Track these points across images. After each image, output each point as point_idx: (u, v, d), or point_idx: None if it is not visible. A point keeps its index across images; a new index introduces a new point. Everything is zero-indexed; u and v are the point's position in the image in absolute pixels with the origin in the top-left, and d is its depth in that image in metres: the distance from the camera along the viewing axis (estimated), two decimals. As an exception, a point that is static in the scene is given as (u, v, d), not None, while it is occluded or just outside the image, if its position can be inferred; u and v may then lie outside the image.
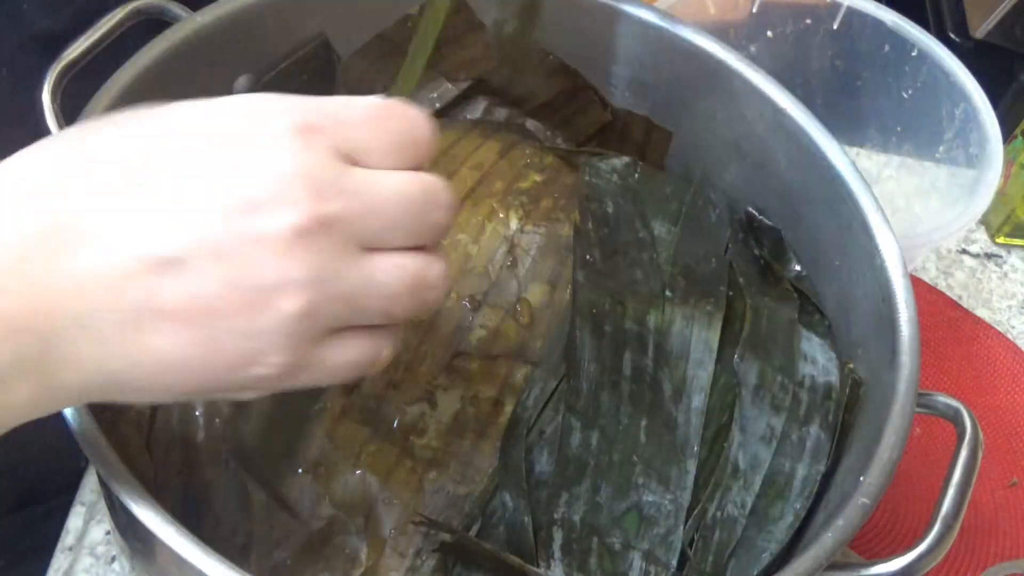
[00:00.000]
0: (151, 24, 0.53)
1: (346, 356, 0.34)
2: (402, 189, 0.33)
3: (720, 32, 0.80)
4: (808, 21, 0.82)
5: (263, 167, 0.31)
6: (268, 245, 0.31)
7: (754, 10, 0.82)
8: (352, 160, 0.33)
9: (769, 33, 0.83)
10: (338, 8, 0.59)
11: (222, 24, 0.54)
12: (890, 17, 0.79)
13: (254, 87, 0.57)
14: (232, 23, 0.55)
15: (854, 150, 0.86)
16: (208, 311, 0.31)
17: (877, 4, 0.79)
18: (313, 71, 0.59)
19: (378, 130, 0.33)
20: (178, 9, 0.54)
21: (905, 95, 0.80)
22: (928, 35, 0.77)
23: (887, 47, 0.79)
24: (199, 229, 0.31)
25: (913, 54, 0.78)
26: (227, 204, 0.31)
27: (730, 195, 0.62)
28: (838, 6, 0.80)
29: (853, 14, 0.80)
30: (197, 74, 0.54)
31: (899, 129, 0.83)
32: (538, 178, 0.58)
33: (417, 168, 0.34)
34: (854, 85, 0.83)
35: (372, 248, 0.33)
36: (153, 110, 0.33)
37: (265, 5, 0.56)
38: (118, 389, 0.32)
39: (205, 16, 0.53)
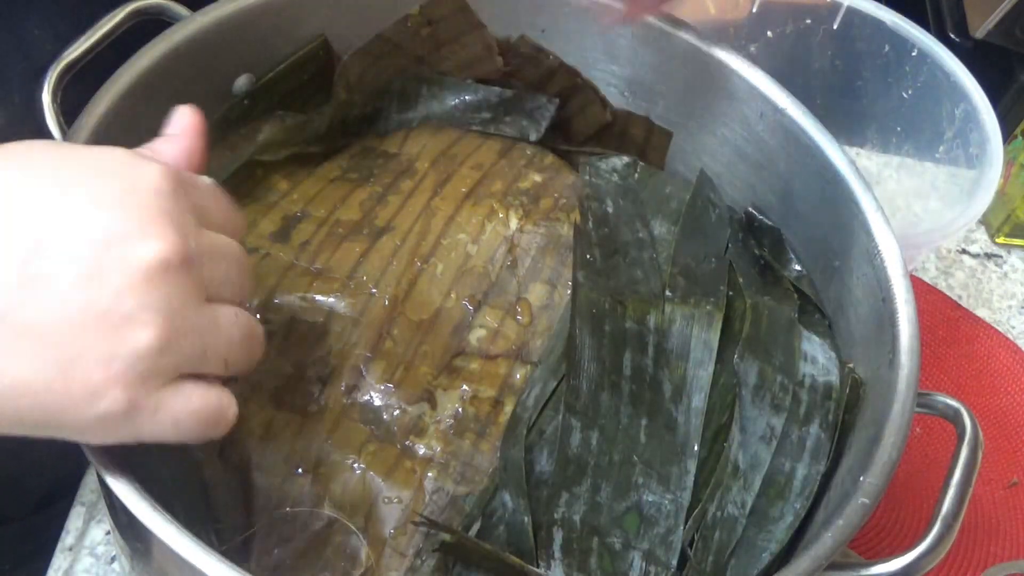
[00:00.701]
0: (151, 24, 0.53)
1: (191, 404, 0.35)
2: (235, 249, 0.37)
3: (720, 32, 0.80)
4: (808, 21, 0.82)
5: (135, 202, 0.33)
6: (132, 274, 0.32)
7: (754, 10, 0.82)
8: (201, 217, 0.36)
9: (769, 33, 0.83)
10: (338, 8, 0.59)
11: (222, 24, 0.54)
12: (890, 17, 0.79)
13: (254, 87, 0.57)
14: (232, 23, 0.55)
15: (854, 150, 0.86)
16: (66, 332, 0.32)
17: (877, 4, 0.79)
18: (313, 71, 0.59)
19: (218, 201, 0.38)
20: (178, 9, 0.54)
21: (905, 95, 0.80)
22: (928, 35, 0.77)
23: (887, 47, 0.79)
24: (67, 250, 0.32)
25: (913, 54, 0.78)
26: (97, 230, 0.32)
27: (730, 195, 0.62)
28: (838, 6, 0.80)
29: (853, 14, 0.80)
30: (197, 74, 0.54)
31: (899, 129, 0.83)
32: (538, 178, 0.58)
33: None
34: (854, 85, 0.83)
35: (215, 296, 0.36)
36: (35, 145, 0.35)
37: (265, 5, 0.56)
38: None
39: (205, 16, 0.53)
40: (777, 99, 0.57)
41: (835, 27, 0.81)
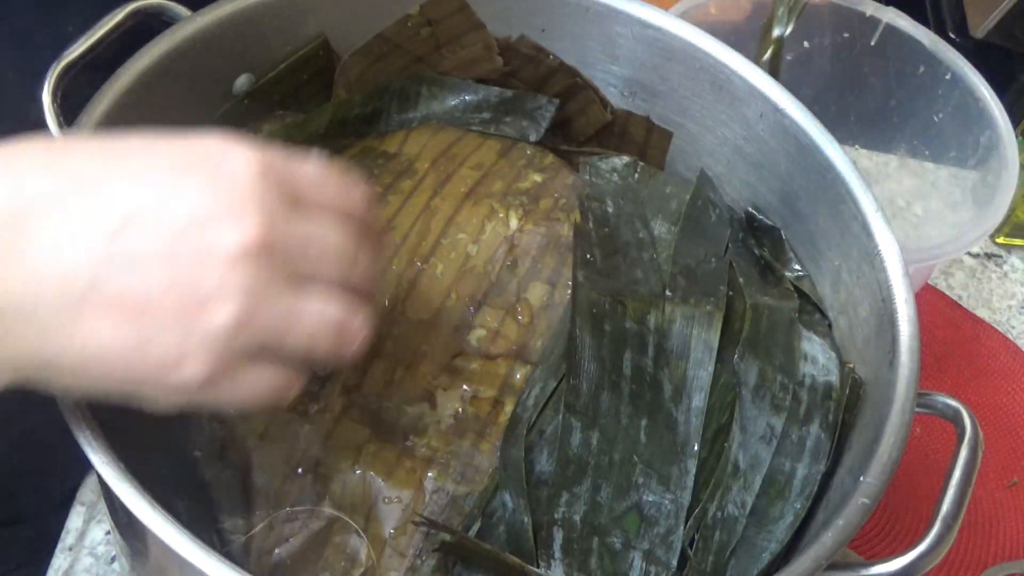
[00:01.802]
0: (151, 24, 0.53)
1: (260, 382, 0.36)
2: (334, 233, 0.37)
3: (733, 35, 0.80)
4: (846, 35, 0.81)
5: (222, 185, 0.34)
6: (216, 255, 0.33)
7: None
8: (296, 202, 0.36)
9: (806, 43, 0.83)
10: (338, 8, 0.59)
11: (222, 24, 0.54)
12: (928, 38, 0.78)
13: (254, 87, 0.57)
14: (232, 23, 0.55)
15: (854, 150, 0.86)
16: (148, 308, 0.33)
17: (915, 24, 0.78)
18: (313, 71, 0.59)
19: (324, 181, 0.37)
20: (178, 9, 0.54)
21: (936, 118, 0.80)
22: (963, 59, 0.76)
23: (922, 68, 0.79)
24: (154, 230, 0.33)
25: (947, 77, 0.77)
26: (182, 211, 0.33)
27: (730, 195, 0.62)
28: (877, 21, 0.79)
29: (891, 32, 0.79)
30: (197, 74, 0.54)
31: (927, 152, 0.82)
32: (538, 178, 0.58)
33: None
34: (887, 104, 0.83)
35: (305, 284, 0.36)
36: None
37: (265, 5, 0.56)
38: (50, 376, 0.34)
39: (205, 16, 0.53)
40: (777, 99, 0.57)
41: (872, 43, 0.80)
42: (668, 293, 0.54)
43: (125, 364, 0.34)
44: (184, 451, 0.47)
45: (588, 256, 0.54)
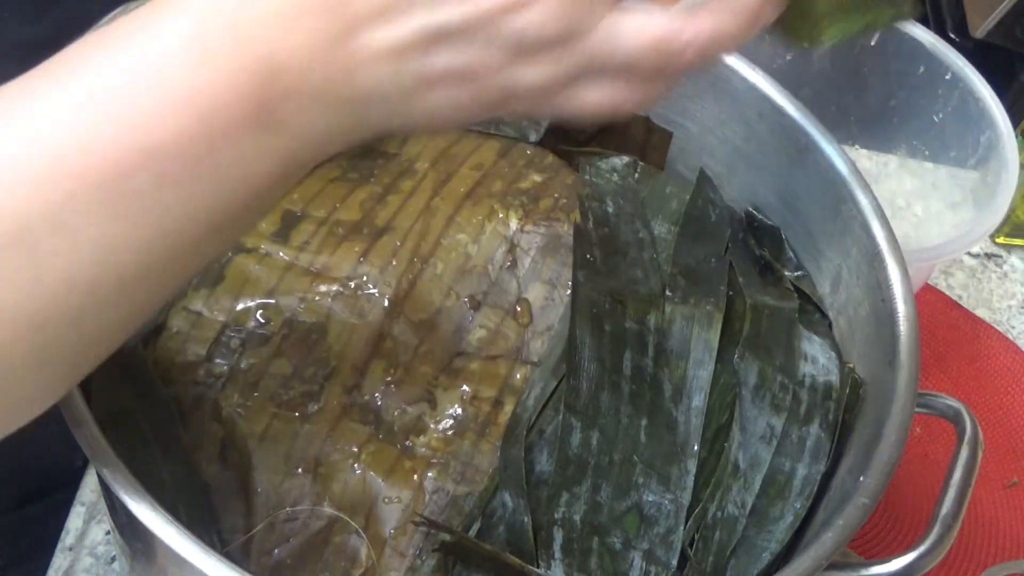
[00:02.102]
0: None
1: (601, 91, 0.35)
2: None
3: (755, 39, 0.80)
4: None
5: None
6: None
7: None
8: None
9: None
10: (338, 8, 0.59)
11: (222, 24, 0.54)
12: (928, 38, 0.78)
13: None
14: (232, 23, 0.55)
15: (854, 150, 0.86)
16: (476, 71, 0.33)
17: (915, 24, 0.78)
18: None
19: None
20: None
21: (936, 118, 0.80)
22: (963, 59, 0.76)
23: (922, 68, 0.78)
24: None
25: (947, 77, 0.77)
26: None
27: (730, 195, 0.62)
28: None
29: (891, 31, 0.79)
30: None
31: (927, 152, 0.82)
32: (538, 178, 0.58)
33: None
34: (887, 105, 0.83)
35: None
36: None
37: (265, 5, 0.56)
38: (405, 126, 0.35)
39: (205, 16, 0.53)
40: (777, 99, 0.57)
41: (872, 43, 0.80)
42: (668, 293, 0.54)
43: (467, 111, 0.35)
44: (184, 451, 0.47)
45: (588, 256, 0.54)
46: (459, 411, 0.49)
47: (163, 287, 0.34)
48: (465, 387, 0.50)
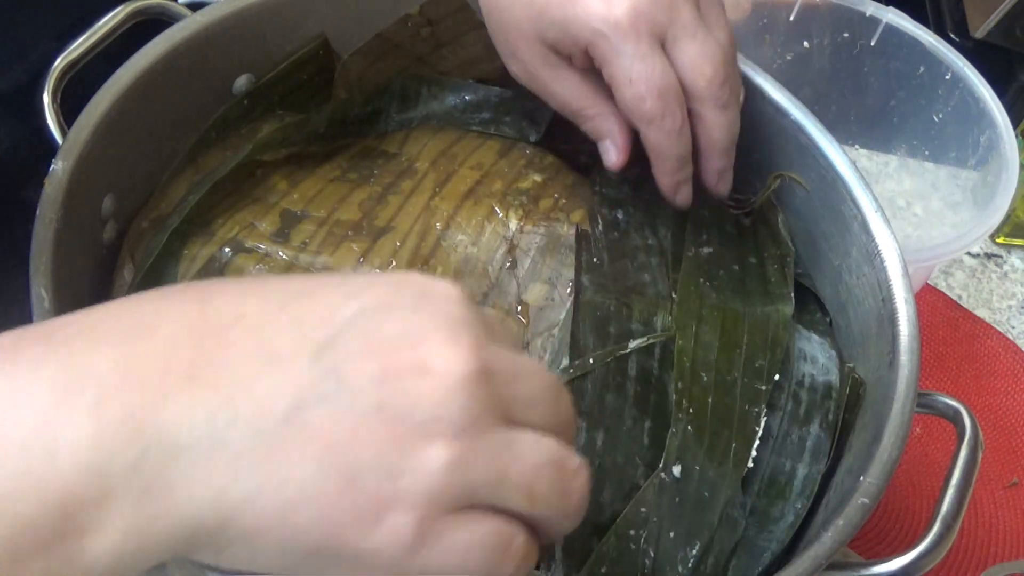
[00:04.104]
0: (151, 24, 0.53)
1: (477, 535, 0.31)
2: (542, 371, 0.34)
3: (756, 40, 0.80)
4: (846, 35, 0.81)
5: (430, 308, 0.31)
6: (427, 379, 0.30)
7: (792, 18, 0.81)
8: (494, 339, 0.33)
9: (806, 43, 0.83)
10: (338, 8, 0.59)
11: (222, 24, 0.54)
12: (928, 38, 0.78)
13: (254, 87, 0.57)
14: (232, 23, 0.55)
15: (854, 150, 0.86)
16: (356, 436, 0.29)
17: (916, 24, 0.79)
18: (313, 71, 0.59)
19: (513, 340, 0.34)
20: (178, 9, 0.54)
21: (936, 118, 0.80)
22: (963, 58, 0.77)
23: (922, 68, 0.79)
24: (363, 344, 0.30)
25: (947, 77, 0.77)
26: (392, 331, 0.30)
27: (731, 195, 0.61)
28: (877, 21, 0.79)
29: (891, 32, 0.79)
30: (197, 74, 0.54)
31: (927, 152, 0.82)
32: (538, 178, 0.58)
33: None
34: (887, 104, 0.83)
35: (514, 422, 0.32)
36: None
37: (265, 5, 0.56)
38: (228, 534, 0.29)
39: (205, 16, 0.53)
40: (777, 99, 0.57)
41: (872, 43, 0.80)
42: (674, 295, 0.54)
43: (326, 511, 0.29)
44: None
45: (595, 260, 0.54)
46: (459, 411, 0.49)
47: None
48: (465, 387, 0.50)
